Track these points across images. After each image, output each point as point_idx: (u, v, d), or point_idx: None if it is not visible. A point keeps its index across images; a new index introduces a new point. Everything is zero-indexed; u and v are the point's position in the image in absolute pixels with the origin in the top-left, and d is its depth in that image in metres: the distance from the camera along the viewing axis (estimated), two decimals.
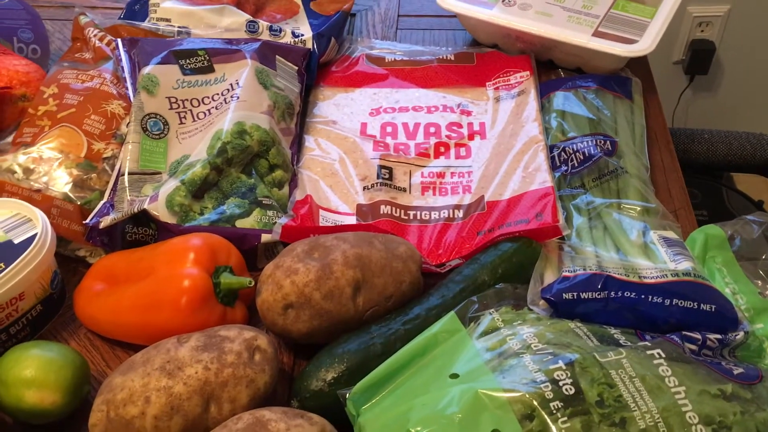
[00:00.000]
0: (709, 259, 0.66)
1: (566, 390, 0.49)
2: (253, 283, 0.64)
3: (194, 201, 0.71)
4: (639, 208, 0.70)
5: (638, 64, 0.91)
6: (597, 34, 0.87)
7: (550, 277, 0.64)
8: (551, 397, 0.48)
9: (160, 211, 0.69)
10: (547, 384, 0.49)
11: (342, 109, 0.87)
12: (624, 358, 0.51)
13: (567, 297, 0.59)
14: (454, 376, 0.52)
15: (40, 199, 0.71)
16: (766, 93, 1.94)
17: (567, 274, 0.61)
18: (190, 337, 0.58)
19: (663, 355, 0.51)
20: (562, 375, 0.49)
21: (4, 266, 0.62)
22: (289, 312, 0.62)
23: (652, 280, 0.59)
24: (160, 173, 0.74)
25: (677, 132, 1.00)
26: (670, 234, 0.65)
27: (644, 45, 0.85)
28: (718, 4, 1.75)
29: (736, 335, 0.56)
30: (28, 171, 0.72)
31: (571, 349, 0.52)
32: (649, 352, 0.51)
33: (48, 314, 0.67)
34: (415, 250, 0.67)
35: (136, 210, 0.68)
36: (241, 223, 0.71)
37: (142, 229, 0.71)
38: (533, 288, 0.62)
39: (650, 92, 0.89)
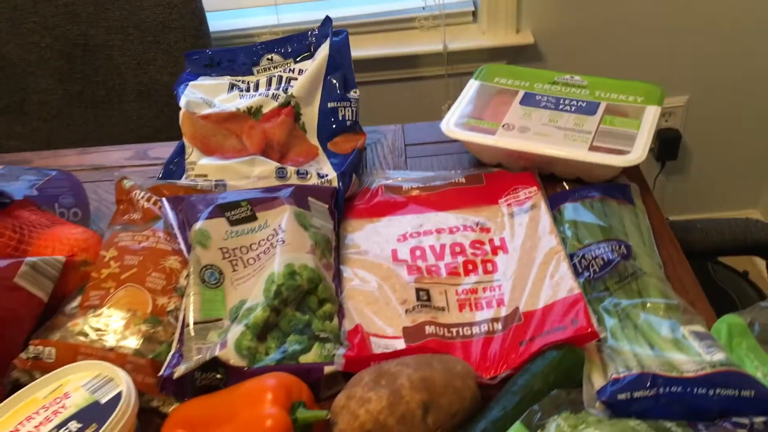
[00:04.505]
0: (736, 346, 0.72)
1: None
2: (329, 416, 0.69)
3: (259, 343, 0.76)
4: (663, 306, 0.77)
5: (631, 169, 1.01)
6: (592, 148, 0.97)
7: (597, 379, 0.70)
8: None
9: (230, 356, 0.74)
10: None
11: (371, 239, 0.95)
12: None
13: (621, 398, 0.65)
14: None
15: (114, 357, 0.76)
16: (731, 172, 2.07)
17: (617, 376, 0.67)
18: None
19: None
20: None
21: (97, 426, 0.67)
22: None
23: (693, 374, 0.65)
24: (221, 319, 0.80)
25: (673, 225, 1.09)
26: (699, 328, 0.72)
27: (636, 155, 0.95)
28: (678, 95, 1.90)
29: None
30: (99, 332, 0.77)
31: None
32: None
33: None
34: (469, 367, 0.73)
35: (208, 357, 0.74)
36: (304, 359, 0.76)
37: (210, 375, 0.76)
38: (587, 391, 0.68)
39: (646, 193, 0.99)
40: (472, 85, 1.12)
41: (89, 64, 1.47)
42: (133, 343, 0.77)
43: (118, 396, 0.69)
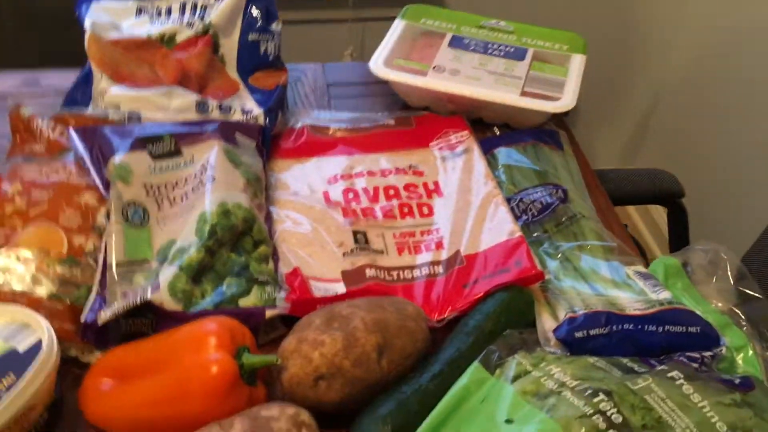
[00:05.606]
0: (671, 286, 0.75)
1: (615, 419, 0.54)
2: (280, 361, 0.65)
3: (194, 286, 0.70)
4: (601, 248, 0.78)
5: (556, 117, 1.02)
6: (524, 93, 0.97)
7: (547, 319, 0.70)
8: (604, 427, 0.54)
9: (164, 299, 0.68)
10: (597, 415, 0.54)
11: (300, 180, 0.90)
12: (651, 383, 0.57)
13: (579, 335, 0.65)
14: (509, 421, 0.56)
15: (25, 302, 0.67)
16: (620, 132, 2.17)
17: (572, 314, 0.67)
18: (233, 422, 0.58)
19: (681, 376, 0.58)
20: (606, 405, 0.55)
21: (15, 377, 0.59)
22: (320, 383, 0.63)
23: (641, 312, 0.67)
24: (148, 261, 0.73)
25: None
26: (641, 268, 0.74)
27: (567, 101, 0.96)
28: None
29: (720, 350, 0.65)
30: (7, 273, 0.68)
31: (603, 382, 0.58)
32: (669, 375, 0.59)
33: (53, 421, 0.64)
34: (420, 309, 0.71)
35: (139, 301, 0.67)
36: (243, 302, 0.71)
37: (138, 320, 0.69)
38: (541, 331, 0.68)
39: (572, 141, 1.00)
40: (398, 25, 1.08)
41: None
42: (47, 286, 0.68)
43: (39, 344, 0.62)
